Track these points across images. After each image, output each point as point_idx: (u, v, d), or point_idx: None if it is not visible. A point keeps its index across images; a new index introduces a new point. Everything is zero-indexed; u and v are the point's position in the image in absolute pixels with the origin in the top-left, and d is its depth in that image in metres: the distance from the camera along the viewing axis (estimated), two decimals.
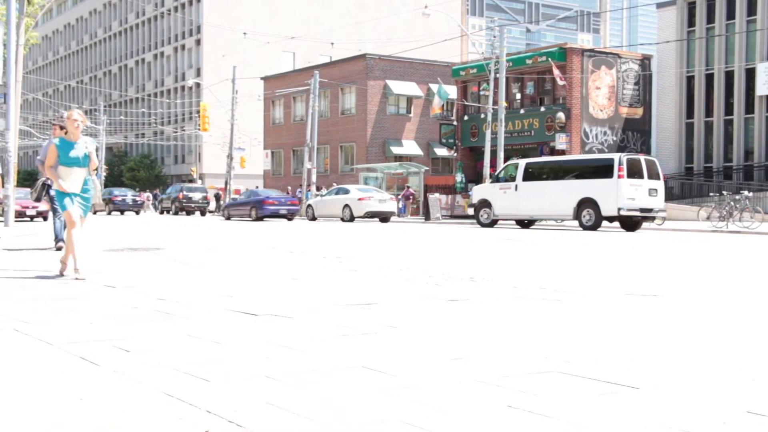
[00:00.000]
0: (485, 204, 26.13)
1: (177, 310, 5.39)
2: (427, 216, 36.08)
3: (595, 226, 23.15)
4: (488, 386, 3.16)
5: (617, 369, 3.49)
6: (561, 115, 36.83)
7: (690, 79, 39.66)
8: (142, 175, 77.58)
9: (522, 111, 39.22)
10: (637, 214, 23.00)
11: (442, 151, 50.83)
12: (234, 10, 73.61)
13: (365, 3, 79.38)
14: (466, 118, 42.48)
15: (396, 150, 50.45)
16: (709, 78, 38.83)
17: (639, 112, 39.64)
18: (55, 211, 11.66)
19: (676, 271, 9.11)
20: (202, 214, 48.03)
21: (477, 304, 5.84)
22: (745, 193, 24.79)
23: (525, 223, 26.34)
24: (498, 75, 34.68)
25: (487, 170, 34.68)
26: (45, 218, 28.95)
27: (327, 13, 76.73)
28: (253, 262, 10.04)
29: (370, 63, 50.39)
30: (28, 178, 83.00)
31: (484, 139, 35.47)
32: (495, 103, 35.04)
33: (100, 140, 64.69)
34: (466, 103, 41.99)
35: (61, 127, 8.99)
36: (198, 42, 75.80)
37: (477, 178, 39.27)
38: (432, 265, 9.51)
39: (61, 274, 7.97)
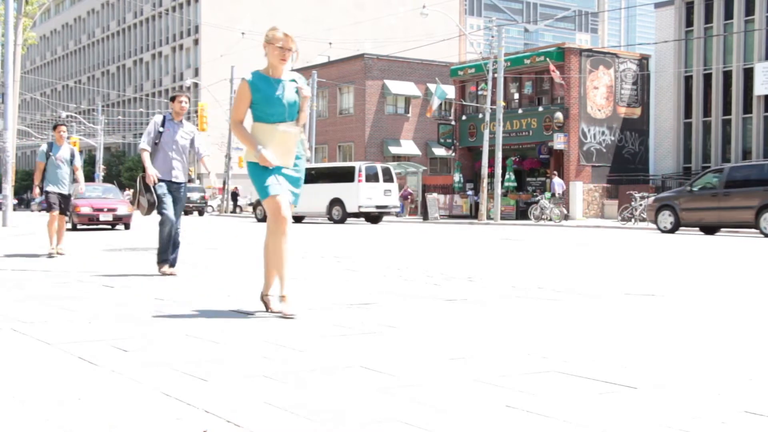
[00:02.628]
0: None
1: (175, 310, 5.38)
2: (425, 216, 36.09)
3: (342, 221, 29.31)
4: (487, 386, 3.16)
5: (616, 369, 3.49)
6: (559, 115, 36.83)
7: (688, 79, 39.68)
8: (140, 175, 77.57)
9: (520, 111, 39.23)
10: (374, 210, 29.37)
11: (440, 151, 50.84)
12: (232, 10, 73.57)
13: (363, 3, 79.37)
14: (464, 118, 42.48)
15: (394, 150, 50.45)
16: (707, 78, 38.85)
17: (637, 112, 39.65)
18: (162, 211, 8.10)
19: (680, 271, 9.11)
20: (200, 213, 48.02)
21: (475, 303, 5.84)
22: None
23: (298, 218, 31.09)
24: (496, 75, 34.67)
25: (485, 170, 34.70)
26: (127, 226, 21.80)
27: (325, 12, 76.71)
28: (251, 262, 10.03)
29: (368, 63, 50.38)
30: (26, 178, 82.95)
31: (483, 139, 35.47)
32: (493, 102, 35.04)
33: (98, 140, 64.64)
34: (465, 102, 41.99)
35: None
36: (196, 42, 75.75)
37: (475, 178, 39.28)
38: (430, 265, 9.51)
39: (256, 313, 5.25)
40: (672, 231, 20.83)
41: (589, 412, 2.76)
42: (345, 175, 29.32)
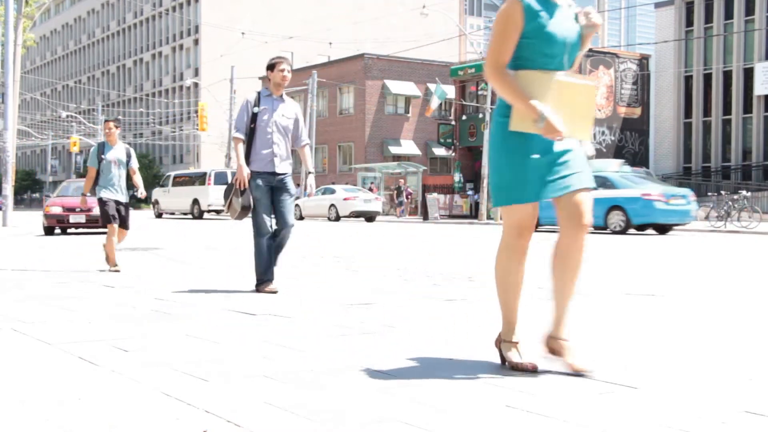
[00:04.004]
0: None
1: (175, 310, 5.38)
2: (425, 216, 36.09)
3: (200, 216, 34.65)
4: (487, 386, 3.16)
5: (616, 368, 3.49)
6: None
7: (688, 79, 39.68)
8: (140, 174, 77.56)
9: None
10: (220, 208, 32.33)
11: (440, 151, 50.83)
12: (232, 10, 73.54)
13: (363, 3, 79.34)
14: (464, 117, 42.47)
15: (394, 150, 50.44)
16: (707, 78, 38.84)
17: (637, 111, 39.66)
18: (257, 218, 6.63)
19: (674, 271, 9.11)
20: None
21: (475, 303, 5.84)
22: (744, 192, 24.81)
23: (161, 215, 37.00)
24: None
25: (485, 170, 34.68)
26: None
27: (325, 12, 76.68)
28: (251, 263, 10.02)
29: (368, 63, 50.38)
30: (26, 178, 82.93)
31: (483, 139, 35.43)
32: (493, 102, 35.03)
33: (98, 140, 64.58)
34: (464, 102, 41.99)
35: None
36: (196, 42, 75.73)
37: (475, 178, 39.28)
38: (430, 265, 9.51)
39: None
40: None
41: (589, 412, 2.76)
42: (201, 180, 34.97)
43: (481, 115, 38.04)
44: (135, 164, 9.45)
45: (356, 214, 33.09)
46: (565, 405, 2.86)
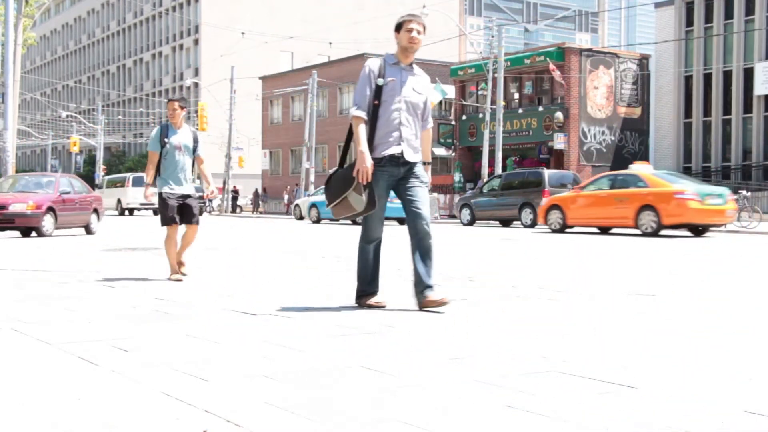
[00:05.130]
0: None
1: (175, 310, 5.38)
2: None
3: (122, 213, 40.24)
4: (487, 386, 3.16)
5: (616, 369, 3.49)
6: (559, 115, 36.83)
7: (688, 79, 39.67)
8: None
9: (520, 110, 39.23)
10: (140, 206, 39.82)
11: (440, 151, 50.77)
12: (232, 10, 73.55)
13: (363, 2, 79.36)
14: (464, 117, 42.48)
15: None
16: (707, 78, 38.84)
17: (637, 111, 39.66)
18: (367, 218, 5.57)
19: (673, 271, 9.11)
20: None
21: (475, 303, 5.84)
22: (744, 192, 24.80)
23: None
24: (496, 75, 34.67)
25: (485, 170, 34.69)
26: (29, 231, 16.66)
27: (325, 12, 76.69)
28: (251, 262, 10.03)
29: None
30: None
31: (483, 139, 35.47)
32: (493, 102, 35.04)
33: (98, 140, 64.63)
34: (465, 102, 41.99)
35: None
36: (196, 42, 75.75)
37: (475, 178, 39.27)
38: None
39: None
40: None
41: (589, 412, 2.76)
42: (122, 182, 41.52)
43: (481, 115, 38.06)
44: (202, 152, 8.03)
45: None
46: (565, 405, 2.86)
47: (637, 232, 18.66)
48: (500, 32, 35.13)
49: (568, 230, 20.62)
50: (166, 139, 7.73)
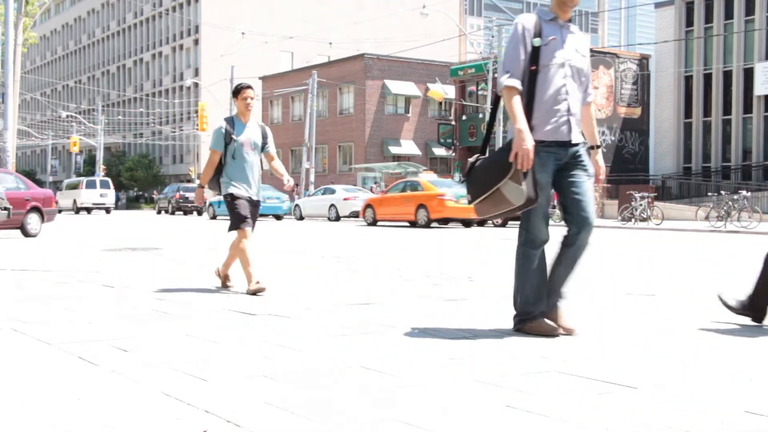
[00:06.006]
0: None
1: (175, 310, 5.38)
2: None
3: (78, 212, 45.47)
4: (487, 386, 3.16)
5: (616, 368, 3.49)
6: None
7: (688, 79, 39.68)
8: (140, 174, 77.49)
9: None
10: (91, 206, 46.57)
11: (440, 151, 50.84)
12: (232, 10, 73.55)
13: (363, 3, 79.35)
14: (464, 118, 42.49)
15: (394, 150, 50.44)
16: (708, 78, 38.85)
17: (637, 111, 39.67)
18: (531, 217, 4.38)
19: (673, 271, 9.11)
20: (199, 214, 47.99)
21: (476, 303, 5.84)
22: (744, 192, 24.80)
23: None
24: (496, 75, 34.66)
25: None
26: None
27: (325, 12, 76.69)
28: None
29: (368, 63, 50.39)
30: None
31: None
32: (493, 103, 35.04)
33: (98, 140, 64.64)
34: (465, 102, 42.00)
35: None
36: (196, 42, 75.74)
37: None
38: (430, 265, 9.50)
39: None
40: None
41: (588, 412, 2.76)
42: (77, 186, 47.44)
43: (481, 115, 38.05)
44: (272, 149, 7.00)
45: (356, 214, 33.17)
46: (565, 405, 2.86)
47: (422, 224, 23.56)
48: (500, 32, 35.16)
49: (379, 224, 26.15)
50: (233, 136, 6.66)
